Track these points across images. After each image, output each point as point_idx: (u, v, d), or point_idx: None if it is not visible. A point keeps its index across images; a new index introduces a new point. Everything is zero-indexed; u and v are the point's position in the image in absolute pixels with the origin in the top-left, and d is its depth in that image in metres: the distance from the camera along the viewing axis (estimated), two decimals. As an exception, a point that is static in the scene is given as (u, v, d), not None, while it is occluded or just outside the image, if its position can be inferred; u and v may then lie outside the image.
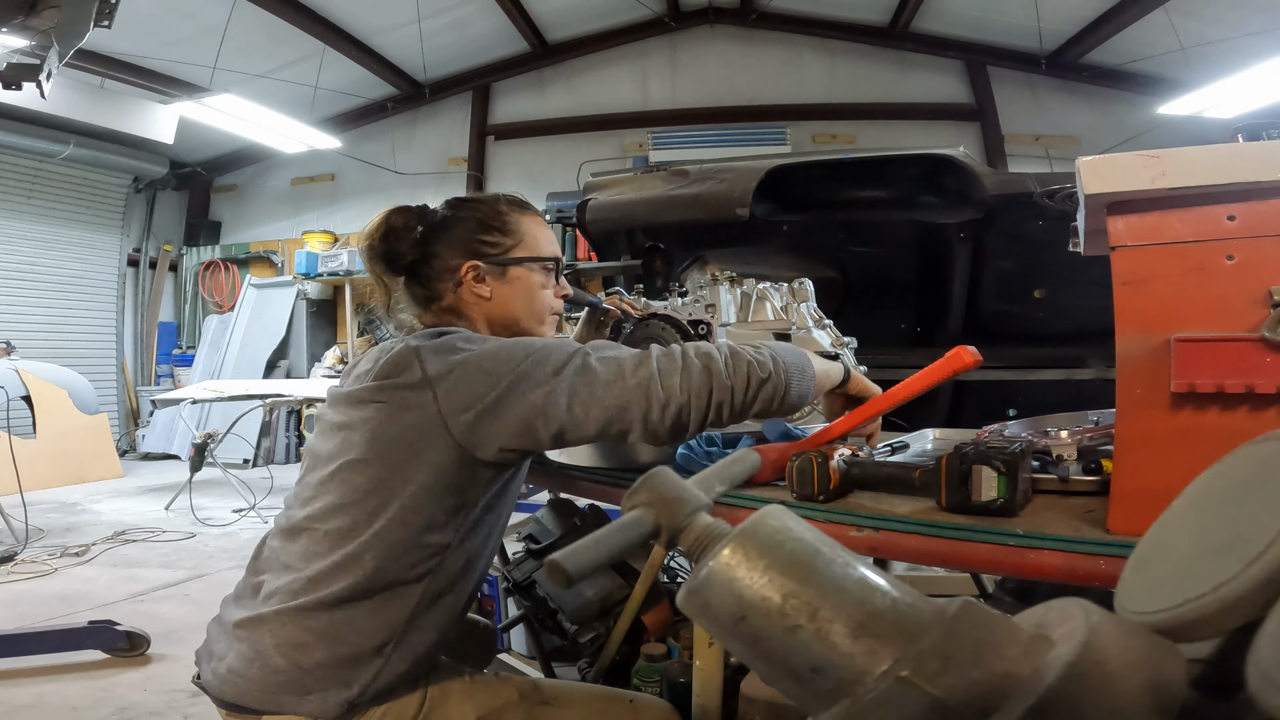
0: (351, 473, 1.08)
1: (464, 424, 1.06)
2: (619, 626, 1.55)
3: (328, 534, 1.07)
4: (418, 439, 1.07)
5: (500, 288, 1.26)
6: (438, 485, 1.08)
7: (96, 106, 5.95)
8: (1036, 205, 2.14)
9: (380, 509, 1.06)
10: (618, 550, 0.55)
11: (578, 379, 1.06)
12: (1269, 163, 0.82)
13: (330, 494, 1.09)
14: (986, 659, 0.39)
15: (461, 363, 1.07)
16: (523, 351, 1.08)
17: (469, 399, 1.05)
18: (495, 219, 1.27)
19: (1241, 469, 0.47)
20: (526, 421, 1.06)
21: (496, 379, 1.05)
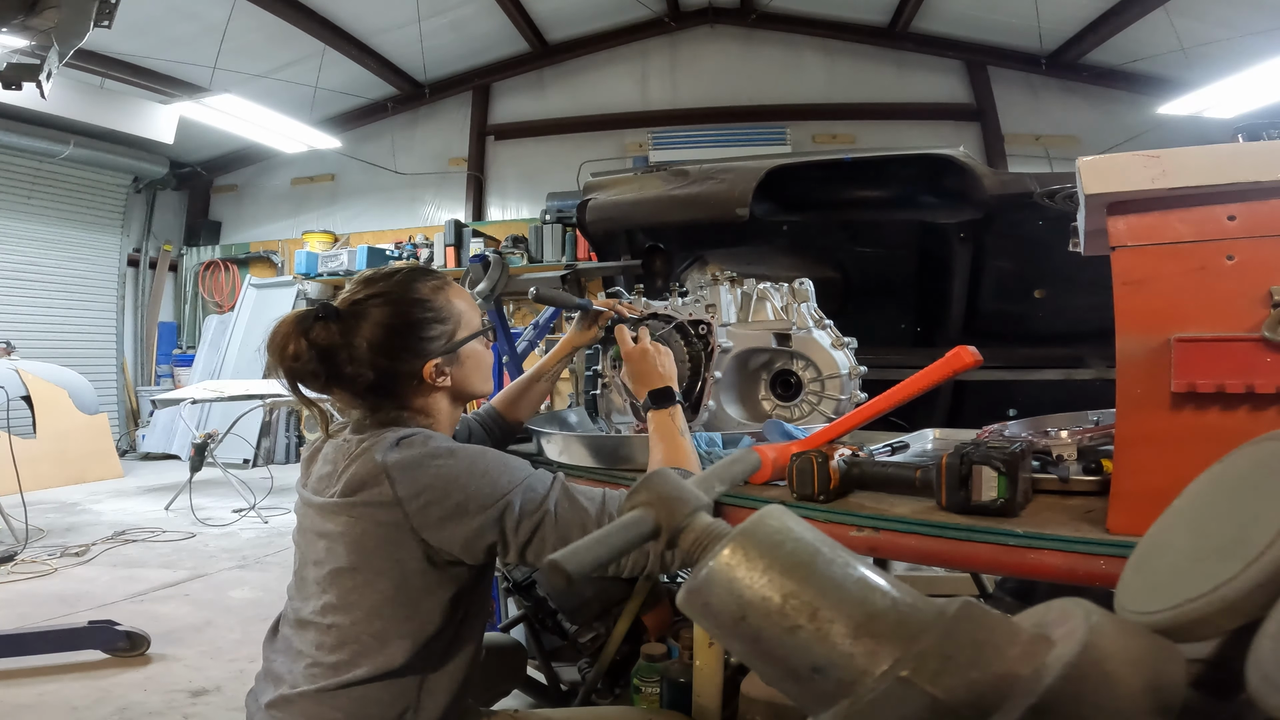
0: (341, 578, 1.12)
1: (437, 536, 1.09)
2: (619, 626, 1.55)
3: (333, 628, 1.11)
4: (396, 548, 1.10)
5: (456, 371, 1.26)
6: (425, 582, 1.11)
7: (96, 106, 5.95)
8: (1036, 205, 2.14)
9: (376, 609, 1.10)
10: (618, 550, 0.55)
11: (557, 520, 1.09)
12: (1269, 163, 0.82)
13: (328, 594, 1.13)
14: (986, 659, 0.39)
15: (431, 485, 1.08)
16: (499, 476, 1.10)
17: (443, 514, 1.08)
18: (430, 310, 1.22)
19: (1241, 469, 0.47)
20: (501, 542, 1.09)
21: (471, 501, 1.08)
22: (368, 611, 1.10)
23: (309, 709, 1.09)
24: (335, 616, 1.12)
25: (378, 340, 1.17)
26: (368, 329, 1.17)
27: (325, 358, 1.17)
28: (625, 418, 1.78)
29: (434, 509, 1.08)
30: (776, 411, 1.64)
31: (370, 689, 1.09)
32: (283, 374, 1.19)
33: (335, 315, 1.17)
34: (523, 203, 7.67)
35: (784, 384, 1.66)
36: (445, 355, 1.23)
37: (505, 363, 3.90)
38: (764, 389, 1.69)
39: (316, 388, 1.21)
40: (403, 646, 1.10)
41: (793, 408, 1.63)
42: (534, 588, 1.80)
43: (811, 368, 1.60)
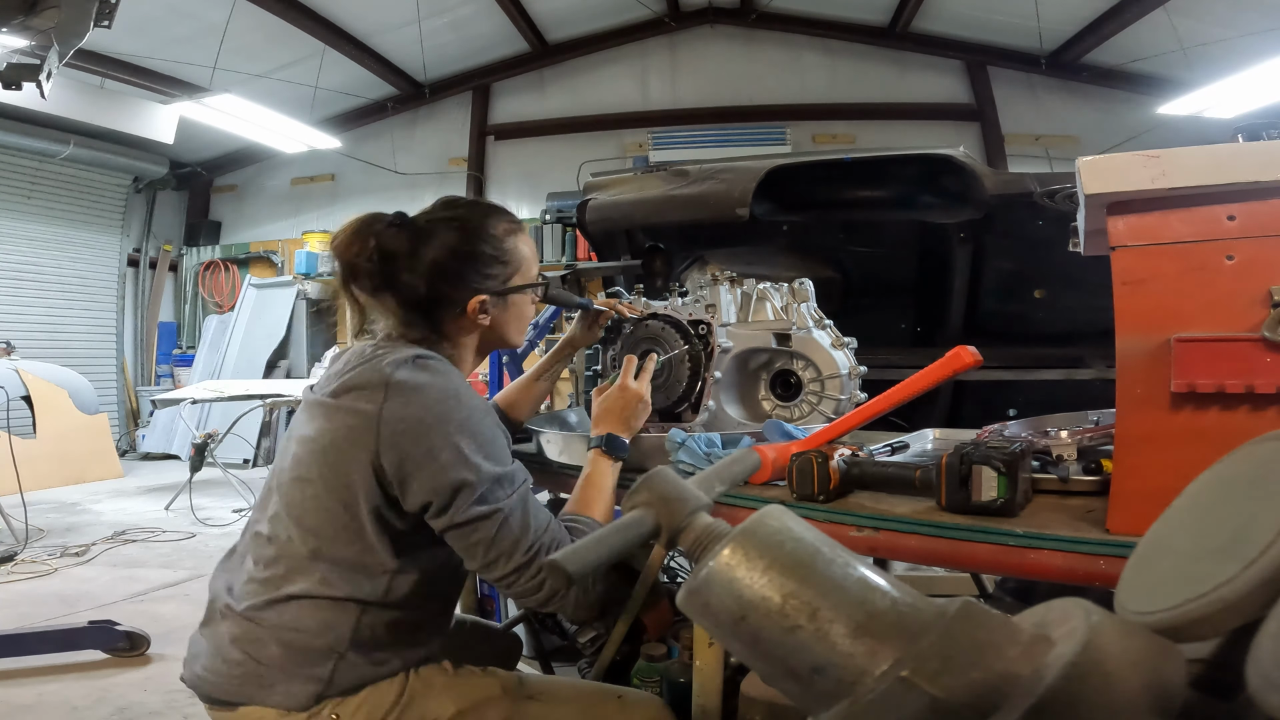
0: (296, 487, 1.12)
1: (392, 465, 1.07)
2: (619, 626, 1.55)
3: (273, 540, 1.12)
4: (353, 465, 1.08)
5: (499, 314, 1.28)
6: (371, 510, 1.09)
7: (96, 106, 5.95)
8: (1036, 205, 2.14)
9: (318, 527, 1.09)
10: (618, 550, 0.55)
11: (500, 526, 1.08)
12: (1269, 163, 0.82)
13: (279, 504, 1.13)
14: (986, 659, 0.39)
15: (420, 418, 1.07)
16: (485, 448, 1.09)
17: (410, 449, 1.06)
18: (496, 248, 1.24)
19: (1241, 469, 0.47)
20: (439, 510, 1.07)
21: (443, 454, 1.06)
22: (310, 528, 1.09)
23: (236, 626, 1.08)
24: (278, 528, 1.11)
25: (440, 260, 1.19)
26: (434, 247, 1.19)
27: (386, 260, 1.18)
28: (625, 418, 1.78)
29: (406, 440, 1.06)
30: (776, 411, 1.64)
31: (301, 609, 1.07)
32: (339, 267, 1.20)
33: (409, 225, 1.20)
34: (523, 203, 7.66)
35: (784, 384, 1.66)
36: (495, 296, 1.24)
37: (505, 363, 3.90)
38: (764, 389, 1.69)
39: (366, 290, 1.20)
40: (338, 572, 1.08)
41: (793, 408, 1.63)
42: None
43: (811, 368, 1.60)
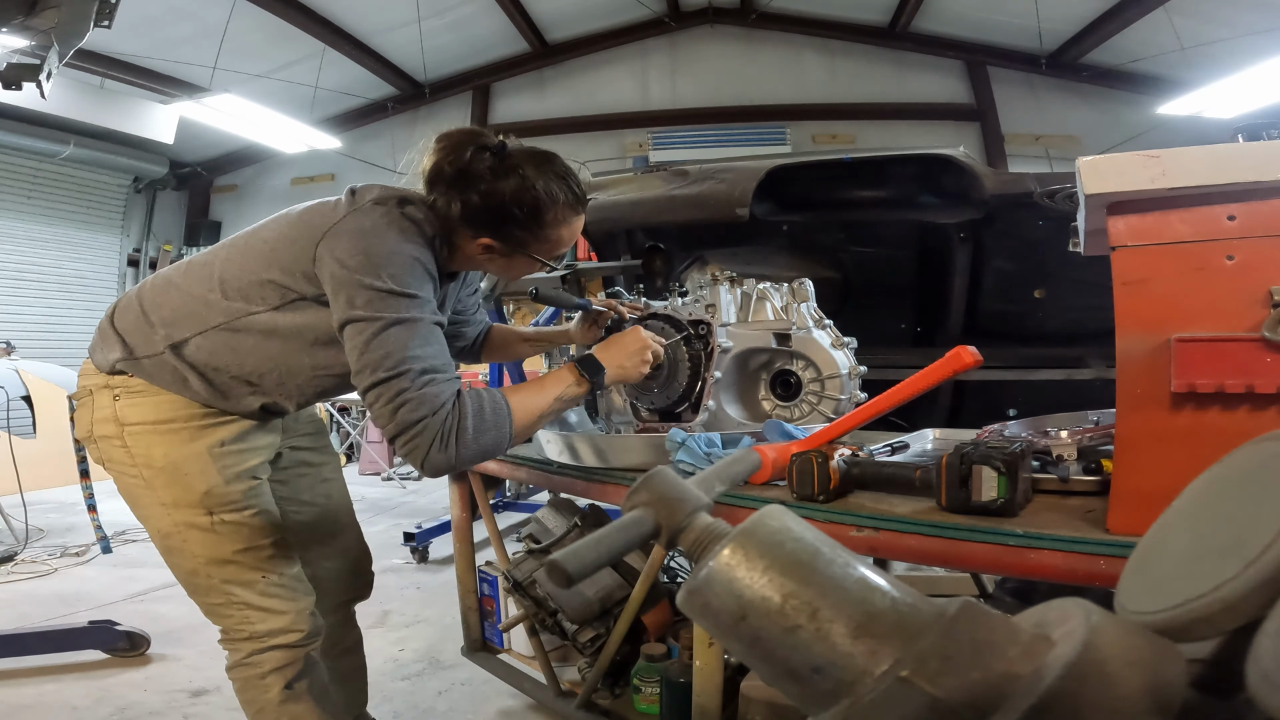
0: (231, 251, 1.34)
1: (317, 256, 1.20)
2: (619, 626, 1.55)
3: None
4: (294, 245, 1.24)
5: (499, 262, 1.36)
6: (282, 260, 1.24)
7: (96, 106, 5.95)
8: (1036, 205, 2.13)
9: (239, 266, 1.28)
10: (618, 550, 0.54)
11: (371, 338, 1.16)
12: (1269, 163, 0.82)
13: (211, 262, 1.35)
14: (986, 659, 0.39)
15: (356, 230, 1.20)
16: (384, 268, 1.18)
17: (336, 249, 1.19)
18: (543, 216, 1.29)
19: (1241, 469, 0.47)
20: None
21: (353, 266, 1.17)
22: (228, 267, 1.28)
23: (129, 299, 1.36)
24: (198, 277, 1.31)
25: (491, 196, 1.26)
26: (498, 183, 1.26)
27: (462, 164, 1.26)
28: (625, 417, 1.78)
29: (345, 238, 1.19)
30: (776, 411, 1.64)
31: (167, 296, 1.31)
32: (436, 150, 1.29)
33: (501, 154, 1.27)
34: (523, 203, 7.66)
35: (784, 384, 1.66)
36: (503, 246, 1.31)
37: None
38: (764, 389, 1.69)
39: (428, 175, 1.29)
40: (228, 287, 1.26)
41: (793, 408, 1.63)
42: (534, 587, 1.80)
43: (811, 368, 1.60)
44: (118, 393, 1.30)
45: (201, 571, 1.33)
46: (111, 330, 1.34)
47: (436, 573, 3.47)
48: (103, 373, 1.32)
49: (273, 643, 1.34)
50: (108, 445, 1.32)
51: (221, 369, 1.28)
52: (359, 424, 6.22)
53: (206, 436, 1.30)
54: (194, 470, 1.29)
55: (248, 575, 1.33)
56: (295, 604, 1.36)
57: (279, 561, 1.37)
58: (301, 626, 1.36)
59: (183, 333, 1.28)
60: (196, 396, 1.29)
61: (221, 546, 1.31)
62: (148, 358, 1.29)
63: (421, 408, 1.14)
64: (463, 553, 2.06)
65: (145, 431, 1.29)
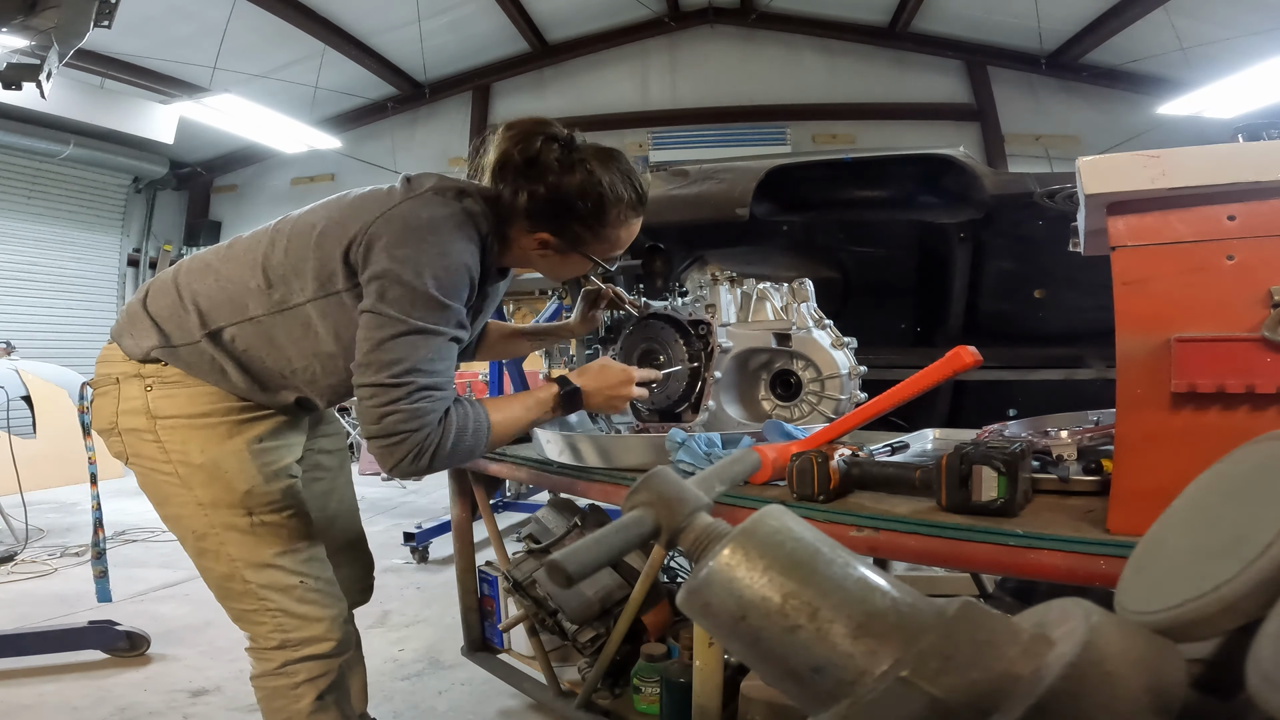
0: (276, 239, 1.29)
1: (362, 240, 1.17)
2: (619, 626, 1.55)
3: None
4: (339, 230, 1.20)
5: (553, 260, 1.33)
6: (328, 245, 1.20)
7: (96, 106, 5.95)
8: (1036, 205, 2.14)
9: (283, 254, 1.24)
10: (618, 550, 0.54)
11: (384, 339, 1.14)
12: (1269, 163, 0.82)
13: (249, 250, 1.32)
14: (986, 659, 0.39)
15: (410, 221, 1.16)
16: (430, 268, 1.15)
17: (383, 236, 1.15)
18: (606, 214, 1.26)
19: (1241, 469, 0.47)
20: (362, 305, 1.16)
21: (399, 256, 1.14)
22: (273, 256, 1.24)
23: (165, 279, 1.31)
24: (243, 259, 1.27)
25: (557, 189, 1.23)
26: (565, 176, 1.23)
27: (531, 153, 1.23)
28: (625, 418, 1.78)
29: (395, 225, 1.15)
30: (776, 411, 1.64)
31: (205, 282, 1.26)
32: (503, 140, 1.25)
33: (569, 146, 1.25)
34: (523, 203, 7.67)
35: (784, 384, 1.66)
36: (559, 242, 1.28)
37: (505, 362, 3.89)
38: (764, 389, 1.69)
39: (495, 163, 1.26)
40: (266, 274, 1.23)
41: (793, 408, 1.63)
42: (534, 587, 1.80)
43: (811, 368, 1.60)
44: (150, 383, 1.23)
45: (238, 576, 1.26)
46: (144, 314, 1.27)
47: (436, 573, 3.47)
48: (133, 360, 1.25)
49: (307, 652, 1.28)
50: (136, 439, 1.25)
51: (258, 360, 1.24)
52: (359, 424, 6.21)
53: (244, 432, 1.26)
54: (233, 468, 1.24)
55: (286, 580, 1.27)
56: (330, 610, 1.31)
57: (316, 564, 1.32)
58: (335, 635, 1.30)
59: (219, 320, 1.23)
60: (234, 389, 1.24)
61: (260, 549, 1.26)
62: (185, 346, 1.23)
63: (410, 421, 1.12)
64: (463, 553, 2.06)
65: (181, 426, 1.23)
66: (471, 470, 1.93)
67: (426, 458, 1.14)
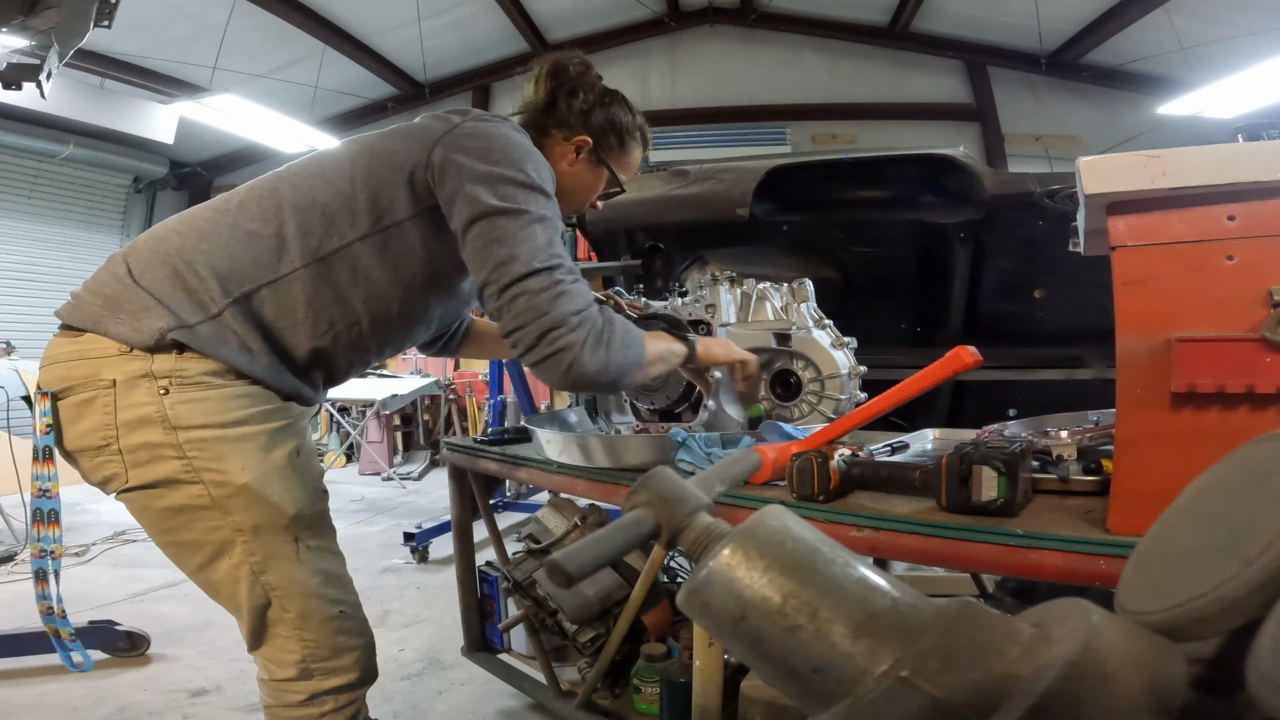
0: (302, 179, 1.18)
1: (437, 163, 1.13)
2: (619, 626, 1.55)
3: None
4: (392, 159, 1.16)
5: (580, 169, 1.39)
6: (379, 172, 1.15)
7: (96, 106, 5.95)
8: (1036, 205, 2.14)
9: (312, 196, 1.13)
10: (618, 550, 0.54)
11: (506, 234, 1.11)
12: (1269, 163, 0.82)
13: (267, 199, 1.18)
14: (986, 659, 0.39)
15: (484, 133, 1.16)
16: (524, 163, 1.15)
17: (457, 149, 1.13)
18: (627, 134, 1.40)
19: (1241, 469, 0.47)
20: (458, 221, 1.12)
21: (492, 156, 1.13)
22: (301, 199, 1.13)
23: (136, 249, 1.14)
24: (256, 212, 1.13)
25: (606, 101, 1.37)
26: (607, 93, 1.38)
27: (582, 67, 1.37)
28: (625, 418, 1.78)
29: (469, 139, 1.14)
30: (776, 411, 1.64)
31: (215, 243, 1.09)
32: (555, 59, 1.37)
33: (606, 89, 1.39)
34: (523, 203, 7.66)
35: (784, 384, 1.66)
36: (594, 151, 1.37)
37: (505, 362, 3.89)
38: (764, 389, 1.69)
39: (551, 69, 1.36)
40: (300, 218, 1.11)
41: (793, 408, 1.63)
42: (534, 587, 1.80)
43: (811, 368, 1.60)
44: (166, 384, 1.01)
45: (275, 605, 1.12)
46: (137, 289, 1.05)
47: (436, 573, 3.47)
48: (138, 350, 1.01)
49: (336, 682, 1.17)
50: (147, 456, 1.03)
51: (289, 330, 1.10)
52: (359, 424, 6.22)
53: (283, 443, 1.12)
54: (279, 489, 1.09)
55: (327, 610, 1.15)
56: (362, 640, 1.21)
57: (350, 589, 1.22)
58: (365, 663, 1.21)
59: (246, 283, 1.06)
60: (260, 372, 1.08)
61: (306, 579, 1.13)
62: (204, 323, 1.04)
63: (577, 300, 1.09)
64: (463, 553, 2.06)
65: (214, 439, 1.04)
66: (471, 470, 1.93)
67: (603, 346, 1.10)
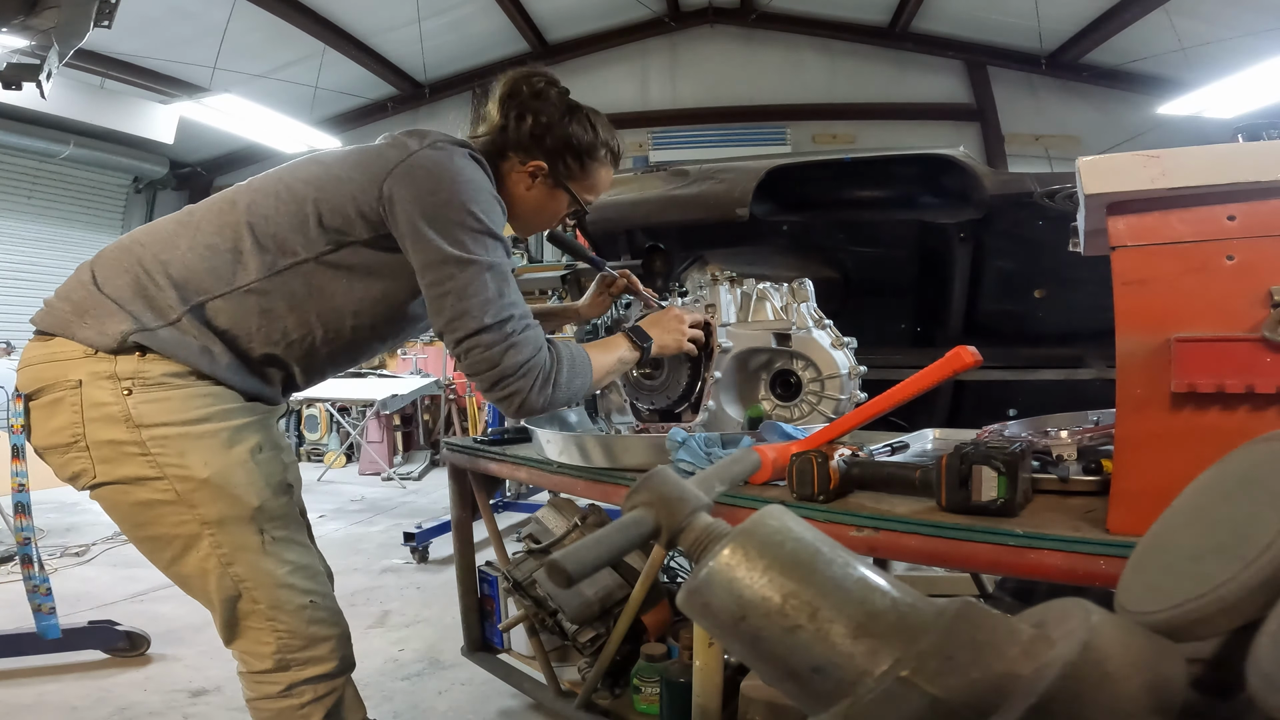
0: (264, 199, 1.20)
1: (387, 194, 1.14)
2: (619, 626, 1.55)
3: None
4: (345, 186, 1.17)
5: (538, 193, 1.37)
6: (328, 211, 1.16)
7: (96, 106, 5.95)
8: (1036, 205, 2.14)
9: (269, 218, 1.16)
10: (618, 550, 0.54)
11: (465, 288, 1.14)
12: (1269, 163, 0.81)
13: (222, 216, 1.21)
14: (986, 659, 0.39)
15: (435, 168, 1.16)
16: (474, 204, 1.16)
17: (407, 185, 1.14)
18: (587, 155, 1.35)
19: (1241, 469, 0.47)
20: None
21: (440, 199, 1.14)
22: (259, 219, 1.16)
23: (104, 257, 1.18)
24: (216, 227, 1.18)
25: (559, 117, 1.33)
26: (564, 109, 1.33)
27: (537, 86, 1.33)
28: (625, 417, 1.78)
29: (420, 173, 1.14)
30: (776, 412, 1.64)
31: (175, 254, 1.13)
32: (512, 78, 1.35)
33: (564, 91, 1.37)
34: (523, 203, 7.67)
35: (784, 384, 1.66)
36: (550, 175, 1.34)
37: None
38: (764, 389, 1.69)
39: (504, 91, 1.35)
40: (255, 239, 1.14)
41: (793, 408, 1.63)
42: (534, 587, 1.80)
43: (811, 368, 1.60)
44: (129, 385, 1.06)
45: (246, 596, 1.15)
46: (100, 296, 1.10)
47: (436, 573, 3.47)
48: (101, 353, 1.07)
49: (313, 672, 1.19)
50: (113, 453, 1.08)
51: (246, 336, 1.14)
52: (359, 424, 6.22)
53: (244, 440, 1.15)
54: (242, 481, 1.13)
55: (297, 600, 1.18)
56: (336, 629, 1.24)
57: (321, 580, 1.25)
58: (340, 652, 1.23)
59: (201, 293, 1.11)
60: (220, 373, 1.12)
61: (274, 570, 1.16)
62: (164, 327, 1.08)
63: (525, 350, 1.16)
64: (463, 553, 2.06)
65: (176, 435, 1.08)
66: (471, 470, 1.93)
67: (549, 385, 1.19)
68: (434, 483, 5.88)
